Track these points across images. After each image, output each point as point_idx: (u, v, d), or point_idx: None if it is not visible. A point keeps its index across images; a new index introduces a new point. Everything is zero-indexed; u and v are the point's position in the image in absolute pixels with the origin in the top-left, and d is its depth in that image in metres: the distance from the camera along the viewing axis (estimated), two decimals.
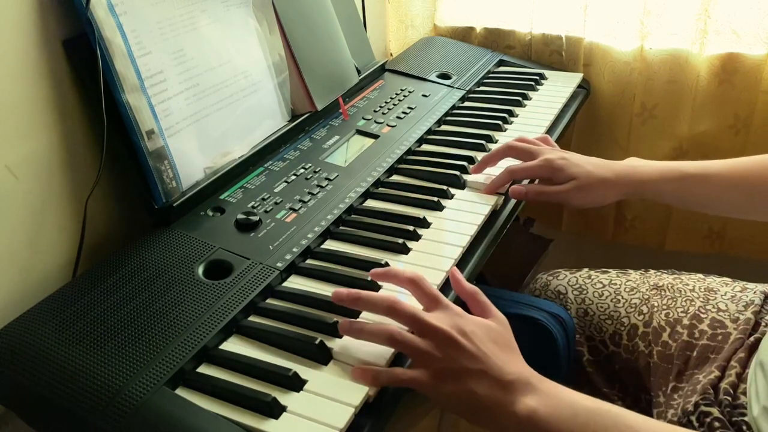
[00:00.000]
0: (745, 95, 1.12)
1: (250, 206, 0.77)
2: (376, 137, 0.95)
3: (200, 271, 0.66)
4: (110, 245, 0.77)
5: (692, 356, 0.76)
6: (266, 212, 0.76)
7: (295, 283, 0.68)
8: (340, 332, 0.60)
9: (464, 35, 1.33)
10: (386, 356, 0.58)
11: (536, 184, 0.87)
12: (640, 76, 1.17)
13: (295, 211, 0.77)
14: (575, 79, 1.19)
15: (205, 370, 0.58)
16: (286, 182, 0.82)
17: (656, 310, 0.82)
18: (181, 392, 0.55)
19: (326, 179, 0.84)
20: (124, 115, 0.70)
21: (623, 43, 1.17)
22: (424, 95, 1.09)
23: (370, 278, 0.66)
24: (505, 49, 1.30)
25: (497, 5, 1.27)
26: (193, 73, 0.78)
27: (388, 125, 0.98)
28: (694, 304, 0.81)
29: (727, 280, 0.85)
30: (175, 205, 0.73)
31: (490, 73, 1.21)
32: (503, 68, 1.25)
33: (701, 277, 0.86)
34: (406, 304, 0.58)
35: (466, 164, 0.89)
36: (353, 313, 0.63)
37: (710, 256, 1.26)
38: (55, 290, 0.64)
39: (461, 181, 0.86)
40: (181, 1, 0.77)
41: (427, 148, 0.96)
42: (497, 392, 0.54)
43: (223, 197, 0.78)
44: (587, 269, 0.93)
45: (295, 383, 0.55)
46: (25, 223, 0.68)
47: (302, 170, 0.85)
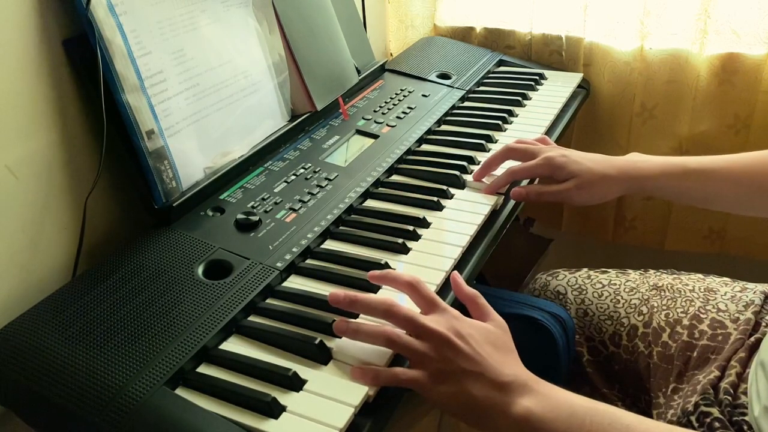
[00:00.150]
0: (745, 95, 1.12)
1: (250, 206, 0.77)
2: (376, 137, 0.95)
3: (200, 271, 0.66)
4: (110, 245, 0.77)
5: (692, 357, 0.76)
6: (266, 212, 0.76)
7: (294, 283, 0.68)
8: (336, 333, 0.60)
9: (464, 35, 1.33)
10: (386, 356, 0.58)
11: (537, 184, 0.87)
12: (640, 76, 1.17)
13: (295, 211, 0.77)
14: (575, 79, 1.19)
15: (204, 370, 0.58)
16: (286, 182, 0.82)
17: (656, 310, 0.82)
18: (181, 392, 0.55)
19: (326, 179, 0.84)
20: (124, 115, 0.70)
21: (623, 43, 1.17)
22: (424, 95, 1.09)
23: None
24: (505, 49, 1.30)
25: (497, 5, 1.27)
26: (193, 73, 0.78)
27: (388, 125, 0.98)
28: (694, 304, 0.80)
29: (727, 280, 0.85)
30: (175, 205, 0.73)
31: (490, 73, 1.21)
32: (503, 68, 1.25)
33: (701, 277, 0.86)
34: (403, 306, 0.58)
35: (465, 164, 0.89)
36: (352, 313, 0.63)
37: (710, 256, 1.26)
38: (55, 290, 0.64)
39: (461, 181, 0.86)
40: (181, 1, 0.78)
41: (427, 148, 0.96)
42: (494, 394, 0.54)
43: (223, 197, 0.78)
44: (587, 269, 0.93)
45: (295, 383, 0.56)
46: (25, 223, 0.68)
47: (302, 170, 0.85)
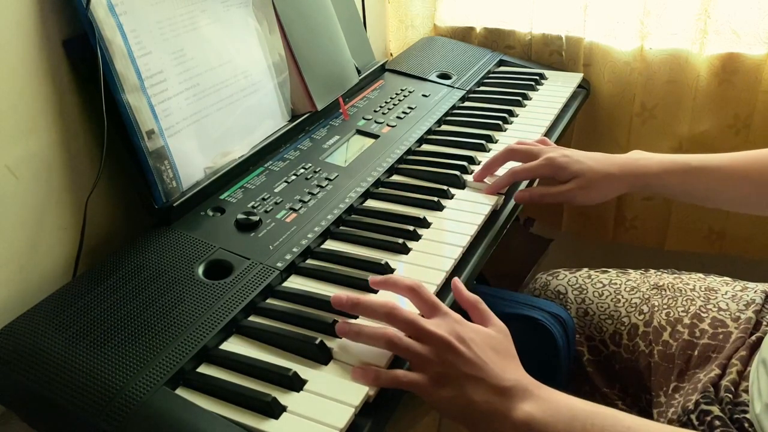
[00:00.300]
0: (745, 95, 1.12)
1: (250, 206, 0.77)
2: (376, 137, 0.95)
3: (200, 271, 0.66)
4: (110, 245, 0.77)
5: (693, 355, 0.76)
6: (266, 212, 0.76)
7: (295, 283, 0.68)
8: (338, 334, 0.60)
9: (464, 35, 1.33)
10: (386, 357, 0.58)
11: (538, 186, 0.87)
12: (640, 76, 1.17)
13: (295, 211, 0.77)
14: (575, 79, 1.19)
15: (205, 370, 0.58)
16: (286, 182, 0.82)
17: (657, 309, 0.82)
18: (181, 392, 0.55)
19: (326, 179, 0.84)
20: (124, 115, 0.70)
21: (623, 43, 1.17)
22: (424, 95, 1.09)
23: (370, 278, 0.66)
24: (505, 49, 1.30)
25: (497, 5, 1.27)
26: (193, 73, 0.78)
27: (388, 125, 0.98)
28: (694, 303, 0.80)
29: (727, 279, 0.85)
30: (175, 205, 0.73)
31: (490, 73, 1.21)
32: (503, 68, 1.25)
33: (701, 276, 0.86)
34: (404, 310, 0.58)
35: (466, 164, 0.89)
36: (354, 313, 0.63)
37: (710, 256, 1.26)
38: (55, 290, 0.64)
39: (461, 181, 0.86)
40: (181, 1, 0.77)
41: (427, 148, 0.96)
42: (494, 399, 0.54)
43: (223, 197, 0.78)
44: (587, 269, 0.93)
45: (295, 383, 0.55)
46: (25, 223, 0.68)
47: (302, 170, 0.85)
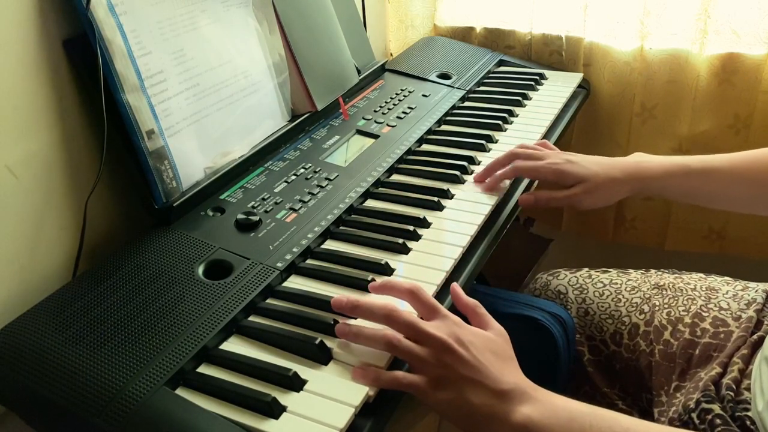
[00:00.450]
0: (745, 95, 1.12)
1: (250, 206, 0.77)
2: (376, 137, 0.95)
3: (200, 271, 0.66)
4: (110, 245, 0.77)
5: (695, 354, 0.76)
6: (266, 212, 0.76)
7: (295, 283, 0.68)
8: (337, 335, 0.60)
9: (464, 35, 1.33)
10: (386, 357, 0.58)
11: (542, 190, 0.86)
12: (640, 76, 1.17)
13: (295, 211, 0.77)
14: (575, 79, 1.19)
15: (205, 370, 0.58)
16: (286, 182, 0.82)
17: (657, 309, 0.82)
18: (181, 392, 0.55)
19: (326, 179, 0.83)
20: (124, 115, 0.70)
21: (623, 43, 1.16)
22: (424, 95, 1.09)
23: (370, 278, 0.66)
24: (505, 49, 1.30)
25: (497, 5, 1.27)
26: (193, 73, 0.78)
27: (388, 125, 0.98)
28: (695, 302, 0.81)
29: (728, 279, 0.85)
30: (175, 205, 0.73)
31: (490, 73, 1.21)
32: (503, 68, 1.25)
33: (702, 276, 0.86)
34: (404, 312, 0.58)
35: (466, 164, 0.89)
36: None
37: (710, 256, 1.26)
38: (55, 290, 0.64)
39: (462, 181, 0.86)
40: (181, 1, 0.77)
41: (427, 148, 0.96)
42: (493, 401, 0.54)
43: (223, 197, 0.78)
44: (587, 269, 0.93)
45: (295, 383, 0.55)
46: (25, 223, 0.68)
47: (302, 170, 0.85)
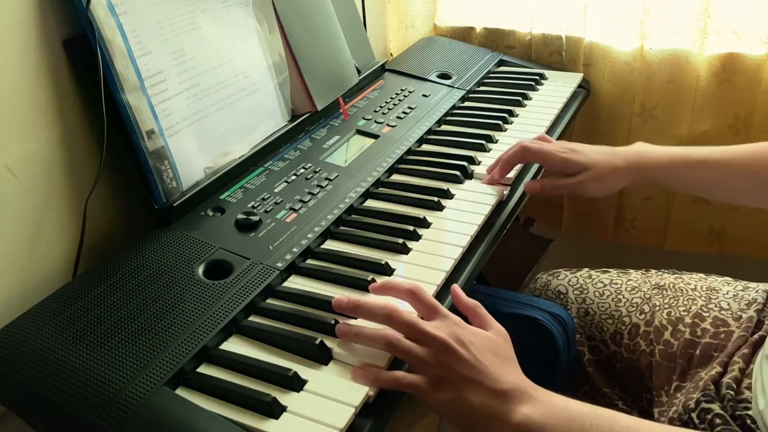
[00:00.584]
0: (745, 95, 1.12)
1: (250, 206, 0.77)
2: (376, 137, 0.95)
3: (200, 271, 0.66)
4: (110, 245, 0.77)
5: (695, 354, 0.76)
6: (266, 212, 0.76)
7: (295, 283, 0.68)
8: (337, 335, 0.60)
9: (464, 35, 1.33)
10: (387, 357, 0.58)
11: (548, 178, 0.87)
12: (640, 76, 1.17)
13: (295, 211, 0.77)
14: (575, 79, 1.19)
15: (205, 370, 0.58)
16: (286, 182, 0.82)
17: (658, 309, 0.82)
18: (181, 392, 0.55)
19: (326, 179, 0.83)
20: (124, 115, 0.70)
21: (623, 43, 1.16)
22: (424, 95, 1.09)
23: (370, 278, 0.66)
24: (505, 49, 1.30)
25: (497, 5, 1.27)
26: (193, 73, 0.78)
27: (388, 125, 0.98)
28: (696, 302, 0.81)
29: (728, 279, 0.85)
30: (175, 205, 0.73)
31: (490, 73, 1.21)
32: (503, 68, 1.25)
33: (702, 276, 0.86)
34: (404, 312, 0.58)
35: (466, 164, 0.89)
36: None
37: (710, 256, 1.26)
38: (55, 290, 0.64)
39: (461, 181, 0.86)
40: (181, 1, 0.77)
41: (427, 148, 0.96)
42: (492, 402, 0.54)
43: (223, 197, 0.78)
44: (587, 269, 0.93)
45: (295, 383, 0.55)
46: (25, 223, 0.68)
47: (302, 170, 0.85)
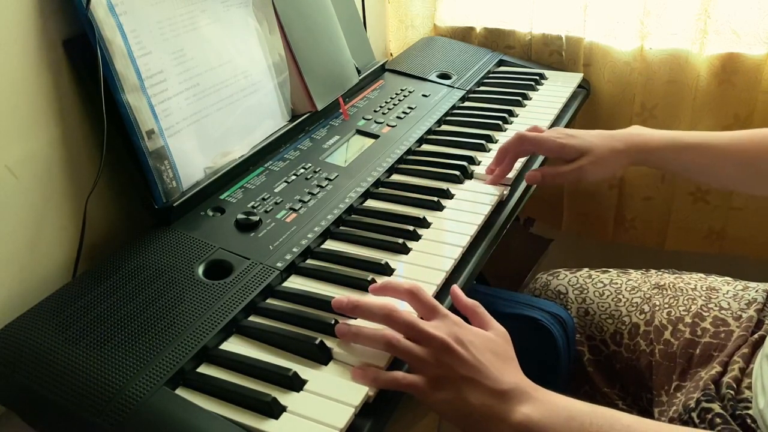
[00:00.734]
0: (745, 95, 1.12)
1: (250, 206, 0.77)
2: (376, 137, 0.95)
3: (200, 271, 0.66)
4: (110, 245, 0.77)
5: (695, 354, 0.76)
6: (266, 212, 0.76)
7: (295, 283, 0.68)
8: (337, 336, 0.60)
9: (464, 35, 1.33)
10: (386, 357, 0.58)
11: (547, 167, 0.87)
12: (640, 76, 1.17)
13: (295, 211, 0.77)
14: (575, 79, 1.19)
15: (205, 370, 0.58)
16: (286, 182, 0.82)
17: (658, 308, 0.82)
18: (181, 392, 0.55)
19: (326, 179, 0.83)
20: (124, 115, 0.70)
21: (623, 43, 1.16)
22: (424, 95, 1.09)
23: (370, 278, 0.66)
24: (505, 49, 1.30)
25: (497, 5, 1.27)
26: (193, 73, 0.78)
27: (388, 125, 0.98)
28: (696, 302, 0.81)
29: (728, 279, 0.85)
30: (175, 205, 0.73)
31: (490, 73, 1.21)
32: (503, 68, 1.25)
33: (703, 276, 0.86)
34: (403, 312, 0.58)
35: (466, 164, 0.89)
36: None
37: (710, 256, 1.26)
38: (55, 290, 0.64)
39: (461, 181, 0.86)
40: (181, 1, 0.77)
41: (427, 148, 0.96)
42: (492, 401, 0.54)
43: (223, 197, 0.78)
44: (587, 269, 0.93)
45: (295, 383, 0.55)
46: (25, 223, 0.68)
47: (302, 170, 0.85)
